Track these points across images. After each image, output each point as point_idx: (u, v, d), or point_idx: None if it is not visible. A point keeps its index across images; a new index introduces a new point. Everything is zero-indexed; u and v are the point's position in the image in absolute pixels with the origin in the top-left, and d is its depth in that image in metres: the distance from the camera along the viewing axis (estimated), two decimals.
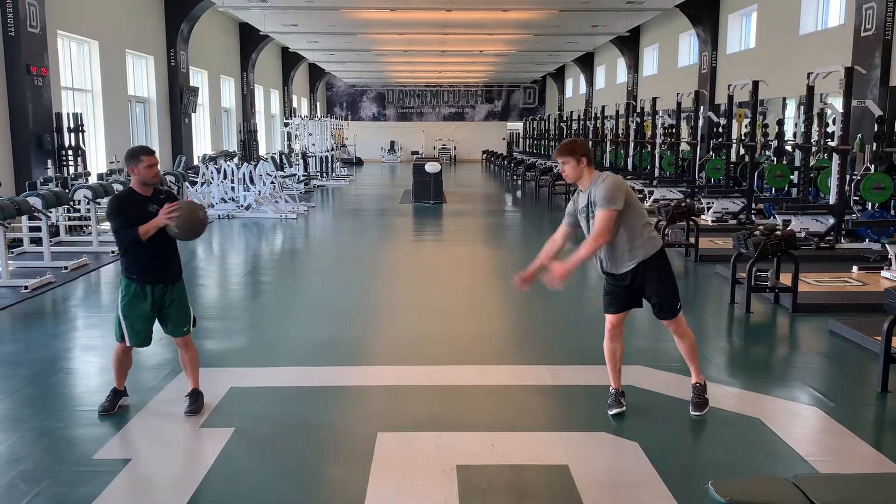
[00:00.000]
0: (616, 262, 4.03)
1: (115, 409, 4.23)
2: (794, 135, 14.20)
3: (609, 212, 3.87)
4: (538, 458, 3.73)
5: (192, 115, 18.87)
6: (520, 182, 22.33)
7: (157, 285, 4.09)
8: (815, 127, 11.44)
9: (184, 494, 3.33)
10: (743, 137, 13.76)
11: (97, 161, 14.10)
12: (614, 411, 4.18)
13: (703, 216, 11.97)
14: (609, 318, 4.18)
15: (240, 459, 3.70)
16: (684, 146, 16.35)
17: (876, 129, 10.35)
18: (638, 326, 5.87)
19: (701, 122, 15.31)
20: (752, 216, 11.82)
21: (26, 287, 7.22)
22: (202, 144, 20.63)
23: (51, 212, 9.31)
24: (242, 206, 14.04)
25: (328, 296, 7.58)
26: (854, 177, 9.91)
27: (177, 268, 4.19)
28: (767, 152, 13.95)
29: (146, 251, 4.02)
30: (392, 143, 38.29)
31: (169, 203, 4.06)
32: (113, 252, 9.22)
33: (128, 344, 4.15)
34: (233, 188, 14.50)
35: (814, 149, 11.25)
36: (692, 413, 4.19)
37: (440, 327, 6.27)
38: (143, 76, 17.11)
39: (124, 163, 4.10)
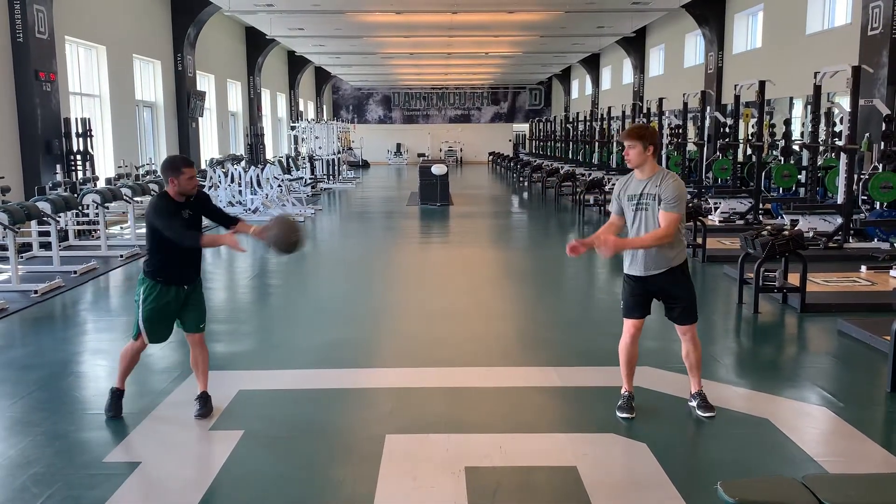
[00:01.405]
0: (649, 264, 4.03)
1: (121, 411, 4.24)
2: (802, 134, 14.15)
3: (678, 215, 3.94)
4: (547, 460, 3.73)
5: (200, 119, 18.94)
6: (526, 184, 22.34)
7: (182, 286, 4.14)
8: (822, 126, 11.41)
9: (194, 497, 3.35)
10: (750, 137, 13.73)
11: (105, 165, 14.16)
12: (624, 415, 4.17)
13: (710, 216, 11.95)
14: (632, 322, 4.17)
15: (249, 461, 3.72)
16: (691, 146, 16.31)
17: (884, 128, 10.29)
18: (645, 328, 5.84)
19: (707, 122, 15.29)
20: (760, 216, 11.79)
21: (36, 291, 7.26)
22: (209, 148, 20.70)
23: (60, 216, 9.36)
24: (250, 209, 14.08)
25: (336, 298, 7.60)
26: (862, 176, 9.88)
27: (199, 266, 4.26)
28: (775, 152, 13.92)
29: (181, 254, 4.05)
30: (398, 145, 38.35)
31: (199, 201, 4.11)
32: (121, 256, 9.26)
33: (147, 342, 4.17)
34: (240, 192, 14.56)
35: (821, 148, 11.21)
36: (706, 415, 4.18)
37: (448, 329, 6.28)
38: (150, 81, 17.19)
39: (162, 173, 4.08)
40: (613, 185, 13.73)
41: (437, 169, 16.19)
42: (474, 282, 8.44)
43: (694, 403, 4.26)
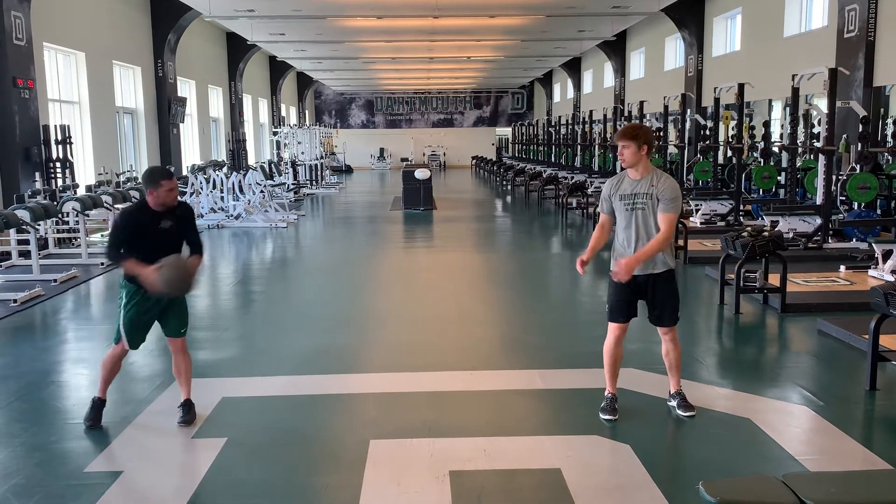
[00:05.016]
0: (642, 265, 4.04)
1: (101, 421, 4.20)
2: (781, 136, 14.30)
3: (675, 216, 3.97)
4: (531, 463, 3.74)
5: (181, 125, 18.84)
6: (509, 187, 22.39)
7: None
8: (800, 128, 11.54)
9: None
10: (730, 139, 13.84)
11: (85, 173, 14.05)
12: (608, 417, 4.18)
13: (691, 218, 12.03)
14: (617, 326, 4.18)
15: (233, 469, 3.70)
16: (672, 149, 16.43)
17: (861, 130, 10.44)
18: (628, 329, 5.88)
19: (688, 124, 15.40)
20: (741, 217, 11.89)
21: (15, 300, 7.17)
22: (191, 155, 20.59)
23: (39, 224, 9.27)
24: (232, 215, 14.01)
25: (319, 304, 7.58)
26: (840, 177, 9.99)
27: None
28: (754, 154, 14.05)
29: (150, 261, 3.97)
30: (381, 150, 38.32)
31: (185, 214, 4.13)
32: (102, 264, 9.19)
33: (127, 348, 4.13)
34: (222, 198, 14.47)
35: (800, 150, 11.34)
36: (686, 414, 4.21)
37: (432, 334, 6.28)
38: (130, 87, 17.08)
39: (143, 184, 4.07)
40: (598, 186, 13.80)
41: (421, 173, 16.19)
42: (458, 286, 8.44)
43: (673, 403, 4.29)
